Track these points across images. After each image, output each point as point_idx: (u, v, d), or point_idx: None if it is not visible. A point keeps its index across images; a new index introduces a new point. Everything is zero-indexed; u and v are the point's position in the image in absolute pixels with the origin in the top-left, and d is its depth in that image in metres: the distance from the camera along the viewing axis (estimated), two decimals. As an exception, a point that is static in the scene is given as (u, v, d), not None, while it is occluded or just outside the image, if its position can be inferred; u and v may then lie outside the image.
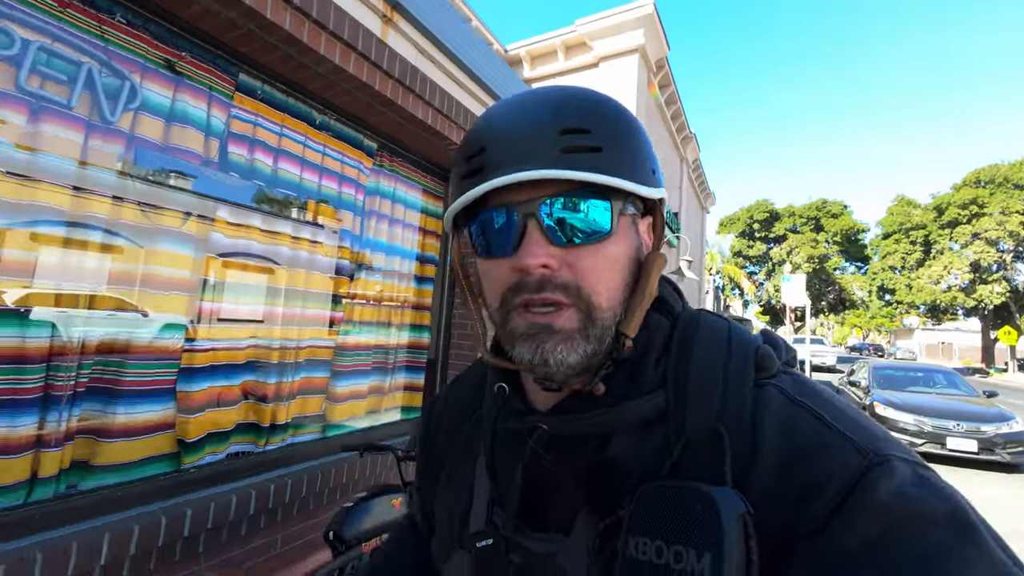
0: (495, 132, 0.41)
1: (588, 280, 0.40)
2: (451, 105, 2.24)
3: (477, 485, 0.48)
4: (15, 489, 1.28)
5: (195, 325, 1.68)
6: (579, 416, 0.41)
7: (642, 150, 0.42)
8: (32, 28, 1.28)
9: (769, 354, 0.40)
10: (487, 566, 0.43)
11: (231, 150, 1.78)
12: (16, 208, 1.27)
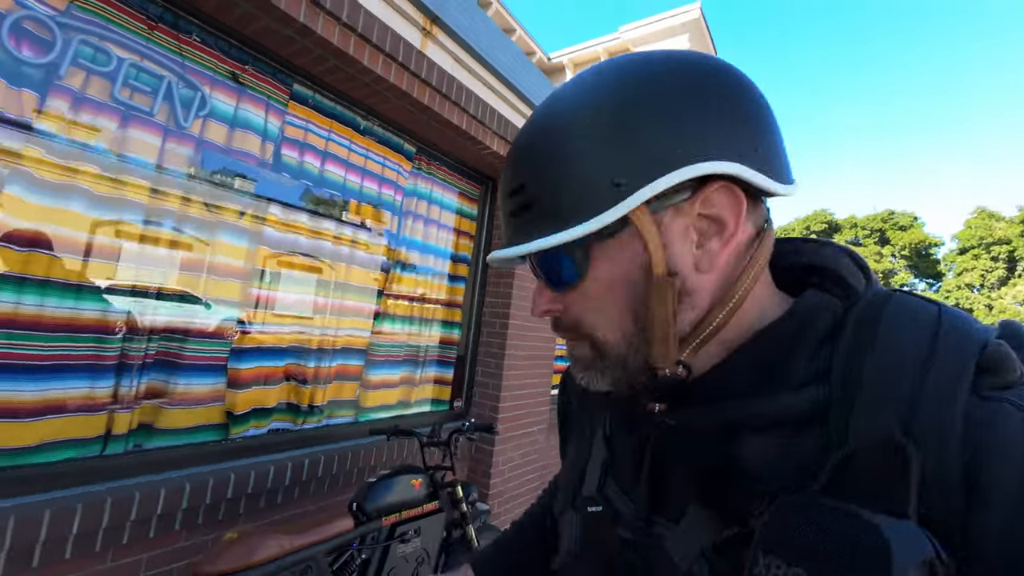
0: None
1: (585, 318, 0.39)
2: (486, 112, 2.35)
3: (595, 451, 0.48)
4: (94, 442, 1.49)
5: (246, 310, 1.87)
6: (703, 408, 0.38)
7: (587, 171, 0.35)
8: (126, 48, 1.50)
9: (1006, 355, 0.30)
10: (595, 531, 0.43)
11: (284, 153, 1.97)
12: (107, 202, 1.49)
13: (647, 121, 0.35)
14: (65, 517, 1.26)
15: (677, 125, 0.35)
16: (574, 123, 0.37)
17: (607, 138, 0.35)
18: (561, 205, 0.36)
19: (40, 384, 1.37)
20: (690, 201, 0.36)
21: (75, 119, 1.41)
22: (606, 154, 0.35)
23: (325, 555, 1.32)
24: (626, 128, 0.35)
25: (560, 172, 0.36)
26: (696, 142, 0.35)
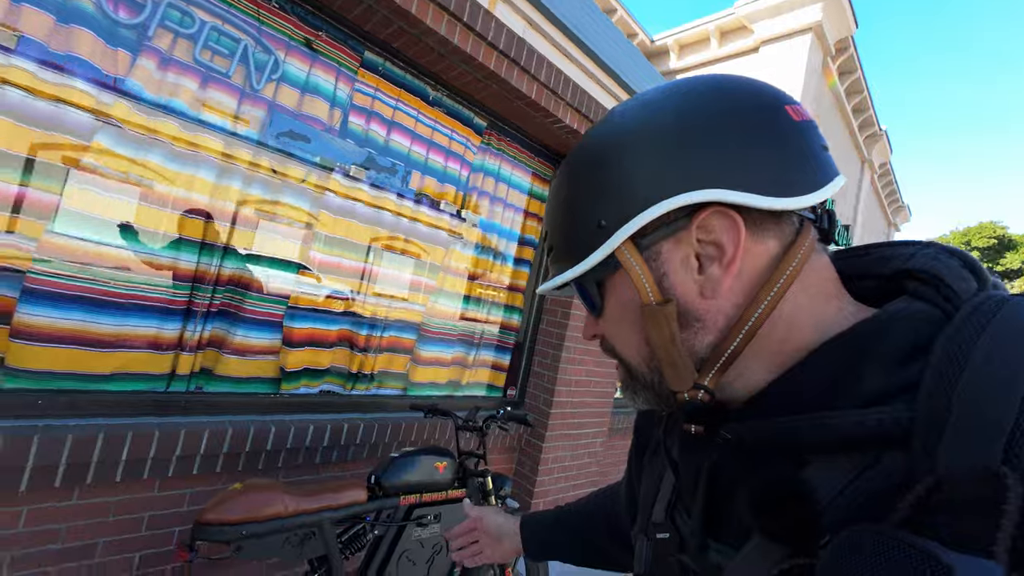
0: None
1: (616, 343, 0.44)
2: (559, 80, 2.17)
3: (666, 476, 0.49)
4: (159, 379, 1.62)
5: (303, 270, 1.92)
6: (765, 422, 0.36)
7: (579, 215, 0.41)
8: (208, 11, 1.58)
9: None
10: (662, 558, 0.44)
11: (351, 120, 1.98)
12: (183, 157, 1.59)
13: (618, 167, 0.39)
14: (118, 443, 1.37)
15: (645, 164, 0.38)
16: (574, 171, 0.42)
17: (591, 185, 0.40)
18: (566, 248, 0.42)
19: (117, 319, 1.51)
20: (687, 229, 0.38)
21: (160, 78, 1.52)
22: (593, 199, 0.40)
23: (332, 523, 1.27)
24: (602, 174, 0.40)
25: (564, 219, 0.43)
26: (670, 177, 0.37)
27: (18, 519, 1.31)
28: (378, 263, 2.16)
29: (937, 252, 0.37)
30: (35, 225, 1.35)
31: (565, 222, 0.42)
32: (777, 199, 0.35)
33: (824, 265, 0.39)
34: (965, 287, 0.33)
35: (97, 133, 1.42)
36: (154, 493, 1.51)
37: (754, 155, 0.36)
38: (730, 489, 0.38)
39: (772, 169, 0.36)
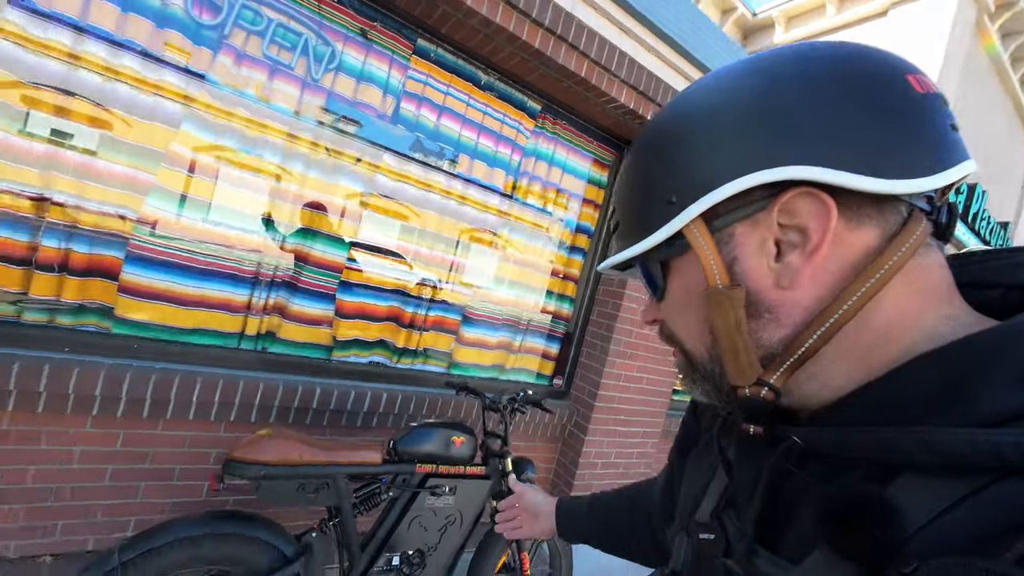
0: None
1: (676, 329, 0.42)
2: (612, 56, 2.05)
3: (716, 475, 0.46)
4: (232, 336, 1.86)
5: (355, 248, 2.07)
6: (851, 432, 0.32)
7: (647, 192, 0.39)
8: (275, 9, 1.76)
9: None
10: (704, 559, 0.42)
11: (403, 106, 2.08)
12: (253, 142, 1.80)
13: (695, 139, 0.36)
14: (189, 387, 1.61)
15: (723, 139, 0.35)
16: (650, 143, 0.40)
17: (665, 159, 0.38)
18: (633, 223, 0.41)
19: (197, 281, 1.76)
20: (767, 211, 0.34)
21: (235, 72, 1.73)
22: (664, 173, 0.38)
23: (347, 478, 1.37)
24: (679, 148, 0.37)
25: (635, 190, 0.41)
26: (752, 151, 0.33)
27: (116, 440, 1.60)
28: (425, 244, 2.25)
29: None
30: (136, 199, 1.62)
31: (634, 197, 0.41)
32: (880, 180, 0.30)
33: (936, 264, 0.34)
34: None
35: (184, 121, 1.66)
36: (220, 434, 1.75)
37: (855, 127, 0.31)
38: (793, 499, 0.35)
39: (878, 145, 0.31)
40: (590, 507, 0.81)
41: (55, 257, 1.53)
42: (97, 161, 1.55)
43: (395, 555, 1.46)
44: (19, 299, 1.50)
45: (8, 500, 1.48)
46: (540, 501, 0.86)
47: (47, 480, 1.52)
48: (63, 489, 1.54)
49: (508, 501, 0.90)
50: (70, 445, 1.54)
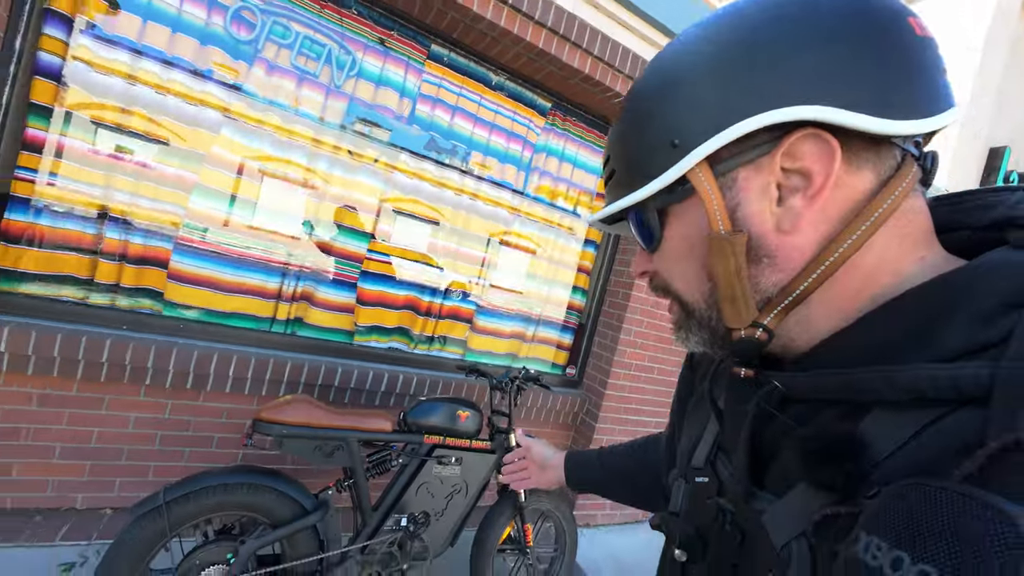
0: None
1: (672, 279, 0.42)
2: (615, 52, 2.13)
3: (710, 424, 0.49)
4: (265, 320, 2.06)
5: (374, 240, 2.23)
6: (826, 374, 0.34)
7: (645, 138, 0.38)
8: (301, 23, 1.95)
9: None
10: (699, 500, 0.44)
11: (418, 108, 2.23)
12: (284, 145, 1.99)
13: (703, 77, 0.35)
14: (226, 363, 1.80)
15: (731, 76, 0.33)
16: (647, 88, 0.39)
17: (669, 98, 0.37)
18: (631, 169, 0.40)
19: (235, 270, 1.96)
20: (770, 155, 0.34)
21: (267, 81, 1.92)
22: (666, 116, 0.37)
23: (360, 443, 1.51)
24: (683, 89, 0.36)
25: (632, 139, 0.39)
26: (757, 92, 0.32)
27: (165, 409, 1.81)
28: (441, 237, 2.39)
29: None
30: (182, 197, 1.84)
31: (632, 143, 0.39)
32: (885, 121, 0.31)
33: (920, 208, 0.35)
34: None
35: (223, 127, 1.87)
36: (253, 407, 1.94)
37: (862, 67, 0.31)
38: (776, 438, 0.37)
39: (883, 86, 0.31)
40: (600, 456, 0.85)
41: (116, 248, 1.76)
42: (151, 164, 1.77)
43: (403, 516, 1.58)
44: (87, 284, 1.74)
45: (77, 456, 1.71)
46: (549, 454, 0.90)
47: (108, 441, 1.74)
48: (121, 450, 1.77)
49: (516, 453, 0.94)
50: (127, 411, 1.76)
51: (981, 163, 4.54)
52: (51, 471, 1.68)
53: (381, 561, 1.53)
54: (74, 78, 1.63)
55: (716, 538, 0.41)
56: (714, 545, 0.41)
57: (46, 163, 1.63)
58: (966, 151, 4.29)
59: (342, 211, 2.15)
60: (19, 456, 1.64)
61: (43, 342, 1.55)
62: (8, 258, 1.62)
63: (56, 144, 1.64)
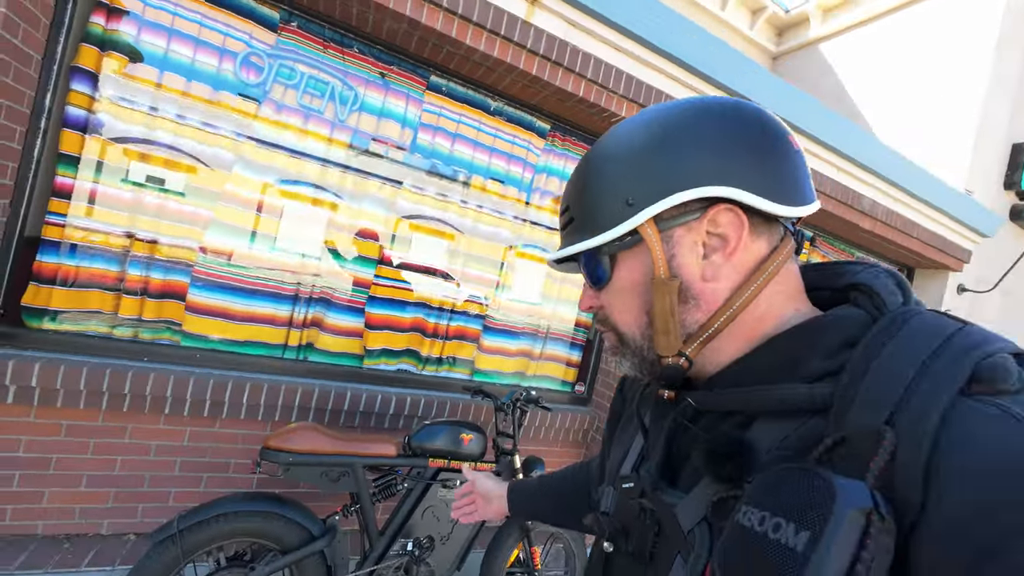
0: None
1: (612, 313, 0.50)
2: (609, 74, 2.17)
3: (636, 440, 0.58)
4: (277, 347, 2.13)
5: (380, 265, 2.30)
6: (724, 391, 0.45)
7: (605, 193, 0.47)
8: (306, 64, 2.05)
9: (1001, 367, 0.33)
10: (625, 502, 0.52)
11: (420, 136, 2.31)
12: (293, 177, 2.08)
13: (656, 154, 0.45)
14: (240, 390, 1.88)
15: (678, 158, 0.44)
16: (607, 155, 0.49)
17: (627, 167, 0.46)
18: (589, 219, 0.48)
19: (246, 300, 2.05)
20: (699, 220, 0.44)
21: (275, 120, 2.03)
22: (624, 180, 0.46)
23: (365, 469, 1.55)
24: (640, 160, 0.46)
25: (592, 193, 0.48)
26: (695, 172, 0.43)
27: (184, 436, 1.89)
28: (445, 258, 2.44)
29: (878, 272, 0.46)
30: (198, 232, 1.94)
31: (591, 198, 0.48)
32: (778, 205, 0.43)
33: (794, 272, 0.47)
34: (894, 300, 0.42)
35: (235, 165, 1.97)
36: (266, 432, 2.01)
37: (766, 164, 0.43)
38: (688, 446, 0.47)
39: (776, 180, 0.43)
40: (540, 483, 0.91)
41: (138, 283, 1.86)
42: (169, 202, 1.88)
43: (409, 541, 1.61)
44: (111, 318, 1.85)
45: (102, 484, 1.79)
46: (492, 486, 0.94)
47: (131, 469, 1.83)
48: (143, 476, 1.85)
49: (464, 488, 0.98)
50: (148, 440, 1.84)
51: (1004, 161, 4.40)
52: (78, 499, 1.77)
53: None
54: (99, 128, 1.76)
55: (637, 531, 0.48)
56: (635, 537, 0.48)
57: (74, 208, 1.75)
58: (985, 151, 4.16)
59: (349, 238, 2.22)
60: (49, 485, 1.73)
61: (70, 376, 1.64)
62: (40, 298, 1.73)
63: (83, 190, 1.76)
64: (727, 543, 0.35)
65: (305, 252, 2.14)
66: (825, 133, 2.90)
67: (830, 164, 3.06)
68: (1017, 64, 4.10)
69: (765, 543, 0.31)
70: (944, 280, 4.08)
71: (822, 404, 0.37)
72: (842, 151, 3.00)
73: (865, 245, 3.86)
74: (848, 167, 3.12)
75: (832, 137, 2.93)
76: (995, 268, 4.46)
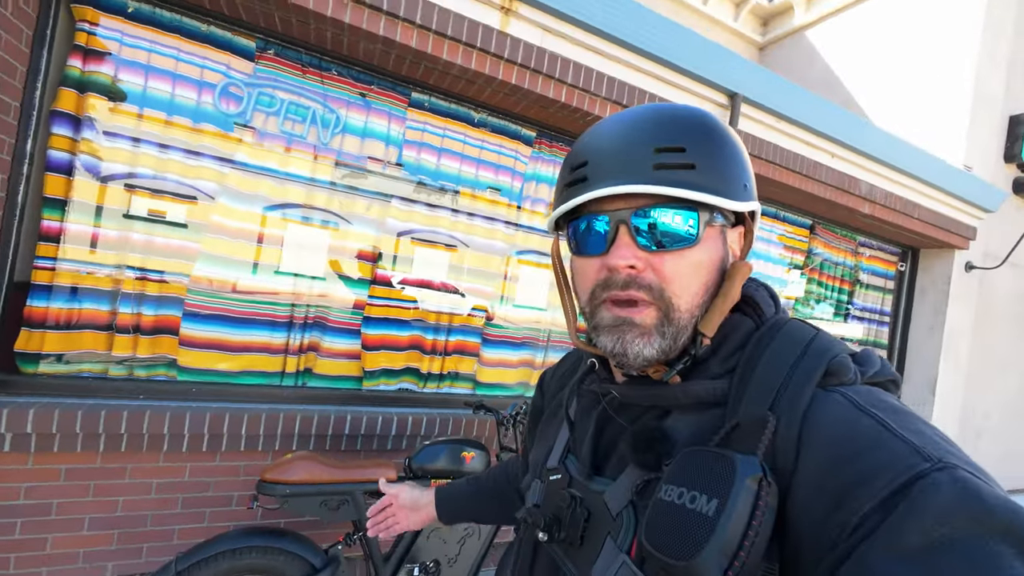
0: (597, 147, 0.48)
1: (669, 283, 0.46)
2: (589, 78, 2.15)
3: (560, 435, 0.61)
4: (275, 375, 2.12)
5: (373, 285, 2.28)
6: (644, 389, 0.50)
7: (735, 167, 0.48)
8: (286, 91, 2.05)
9: (844, 364, 0.43)
10: (553, 493, 0.55)
11: (405, 153, 2.30)
12: (276, 203, 2.08)
13: (744, 157, 0.51)
14: (238, 422, 1.86)
15: (748, 168, 0.52)
16: (728, 136, 0.49)
17: (738, 153, 0.49)
18: (717, 178, 0.47)
19: (241, 330, 2.04)
20: (740, 227, 0.54)
21: (257, 148, 2.03)
22: (742, 165, 0.49)
23: (365, 495, 1.51)
24: (742, 154, 0.50)
25: (722, 155, 0.47)
26: (747, 184, 0.51)
27: (184, 472, 1.87)
28: (439, 273, 2.42)
29: (757, 286, 0.53)
30: (187, 265, 1.93)
31: (722, 159, 0.47)
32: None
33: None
34: (768, 309, 0.51)
35: (220, 196, 1.97)
36: (267, 462, 1.98)
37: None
38: (614, 437, 0.52)
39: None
40: (475, 487, 0.92)
41: (130, 321, 1.85)
42: (156, 238, 1.88)
43: (415, 566, 1.57)
44: (105, 358, 1.84)
45: (105, 526, 1.77)
46: (417, 496, 0.96)
47: (133, 509, 1.81)
48: (145, 516, 1.82)
49: (381, 503, 0.98)
50: (149, 478, 1.82)
51: (1002, 135, 4.33)
52: (82, 543, 1.75)
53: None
54: (83, 170, 1.76)
55: (568, 519, 0.51)
56: (567, 525, 0.51)
57: (62, 251, 1.75)
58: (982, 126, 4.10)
59: (339, 261, 2.21)
60: (52, 530, 1.71)
61: (66, 420, 1.63)
62: (33, 343, 1.73)
63: (71, 232, 1.76)
64: (652, 517, 0.40)
65: (297, 278, 2.13)
66: (816, 121, 2.87)
67: (823, 151, 3.02)
68: (1008, 35, 4.05)
69: (684, 512, 0.37)
70: (950, 259, 4.01)
71: (722, 398, 0.45)
72: (835, 137, 2.96)
73: (866, 229, 3.80)
74: (842, 152, 3.07)
75: (823, 124, 2.89)
76: (1003, 242, 4.38)
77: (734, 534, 0.34)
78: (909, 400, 4.14)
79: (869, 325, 4.18)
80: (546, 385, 0.76)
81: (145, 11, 1.82)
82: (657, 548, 0.37)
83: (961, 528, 0.31)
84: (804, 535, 0.36)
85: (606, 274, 0.47)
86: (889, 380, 0.46)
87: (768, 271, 3.54)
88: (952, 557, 0.30)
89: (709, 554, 0.34)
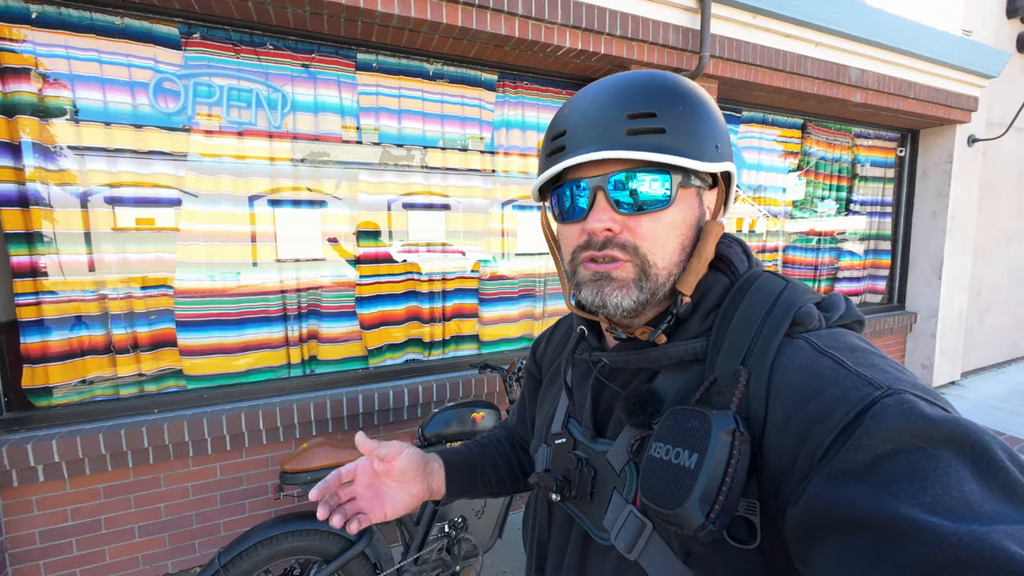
0: (574, 117, 0.50)
1: (645, 242, 0.49)
2: (542, 6, 1.97)
3: (560, 402, 0.64)
4: (281, 368, 2.15)
5: (359, 265, 2.25)
6: (631, 353, 0.53)
7: (705, 128, 0.49)
8: (222, 75, 1.92)
9: (809, 313, 0.46)
10: (560, 456, 0.58)
11: (363, 123, 2.18)
12: (243, 200, 2.01)
13: (718, 118, 0.51)
14: (255, 418, 1.91)
15: (724, 130, 0.52)
16: (696, 93, 0.50)
17: (714, 115, 0.50)
18: (688, 140, 0.47)
19: (238, 331, 2.05)
20: (715, 188, 0.54)
21: (208, 144, 1.93)
22: (714, 126, 0.50)
23: (385, 468, 1.57)
24: (716, 115, 0.51)
25: (692, 118, 0.48)
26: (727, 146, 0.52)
27: (215, 472, 1.95)
28: (421, 241, 2.38)
29: (732, 242, 0.54)
30: (167, 277, 1.91)
31: (691, 122, 0.48)
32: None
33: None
34: (741, 266, 0.52)
35: (183, 201, 1.91)
36: (291, 450, 2.06)
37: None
38: (611, 401, 0.56)
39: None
40: (487, 455, 0.80)
41: (126, 340, 1.87)
42: (128, 255, 1.84)
43: (445, 523, 1.66)
44: (113, 379, 1.87)
45: (154, 531, 1.88)
46: (417, 459, 0.70)
47: (176, 512, 1.91)
48: (189, 516, 1.93)
49: (358, 470, 0.67)
50: (183, 483, 1.91)
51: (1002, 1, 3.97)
52: (136, 548, 1.87)
53: (435, 568, 1.62)
54: (37, 198, 1.70)
55: (577, 479, 0.54)
56: (576, 484, 0.54)
57: (37, 284, 1.73)
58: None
59: (318, 245, 2.17)
60: (106, 543, 1.83)
61: (89, 444, 1.69)
62: (38, 378, 1.76)
63: (40, 264, 1.73)
64: (645, 473, 0.44)
65: (281, 269, 2.11)
66: (794, 9, 2.64)
67: (807, 41, 2.80)
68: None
69: (671, 468, 0.42)
70: (951, 136, 3.83)
71: (701, 355, 0.48)
72: (817, 24, 2.74)
73: (861, 119, 3.62)
74: (827, 40, 2.86)
75: (803, 12, 2.67)
76: (1007, 107, 4.16)
77: (712, 482, 0.39)
78: (916, 285, 4.13)
79: (871, 218, 4.09)
80: (539, 353, 0.77)
81: (51, 14, 1.68)
82: (651, 500, 0.42)
83: (906, 442, 0.34)
84: (781, 473, 0.40)
85: (586, 237, 0.50)
86: (855, 321, 0.49)
87: (763, 180, 3.43)
88: (896, 463, 0.33)
89: (693, 502, 0.39)
